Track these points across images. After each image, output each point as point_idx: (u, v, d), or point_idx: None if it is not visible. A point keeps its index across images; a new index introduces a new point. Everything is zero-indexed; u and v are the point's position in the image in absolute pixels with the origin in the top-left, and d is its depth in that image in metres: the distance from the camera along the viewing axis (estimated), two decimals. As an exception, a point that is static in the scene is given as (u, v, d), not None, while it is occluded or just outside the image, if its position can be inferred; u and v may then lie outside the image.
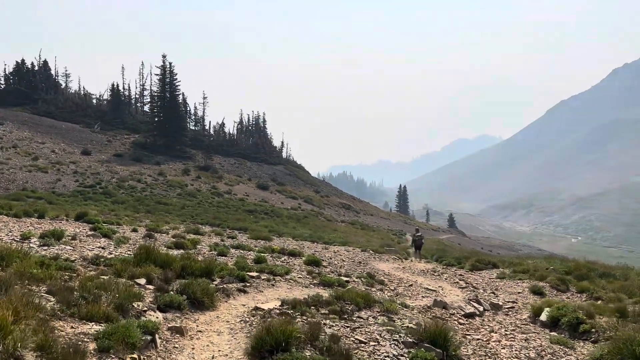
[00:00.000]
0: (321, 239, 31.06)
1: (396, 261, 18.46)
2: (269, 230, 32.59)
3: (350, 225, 50.22)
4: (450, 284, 13.00)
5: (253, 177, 65.07)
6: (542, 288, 13.02)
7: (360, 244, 28.50)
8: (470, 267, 19.89)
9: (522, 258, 25.24)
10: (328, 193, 72.18)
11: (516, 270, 18.39)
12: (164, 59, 68.73)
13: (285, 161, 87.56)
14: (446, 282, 13.34)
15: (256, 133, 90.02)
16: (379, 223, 60.66)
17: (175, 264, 8.67)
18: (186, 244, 12.88)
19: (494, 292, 12.29)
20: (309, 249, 19.66)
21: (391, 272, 14.55)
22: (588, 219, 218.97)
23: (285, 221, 42.31)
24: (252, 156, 76.35)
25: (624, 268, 21.41)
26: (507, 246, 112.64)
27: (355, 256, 17.57)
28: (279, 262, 12.44)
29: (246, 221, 37.32)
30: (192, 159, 64.75)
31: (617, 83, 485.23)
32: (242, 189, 56.45)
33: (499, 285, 13.71)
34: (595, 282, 15.63)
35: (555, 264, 22.57)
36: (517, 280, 14.83)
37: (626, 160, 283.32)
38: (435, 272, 15.84)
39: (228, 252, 12.48)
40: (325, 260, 14.70)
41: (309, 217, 47.87)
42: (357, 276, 11.60)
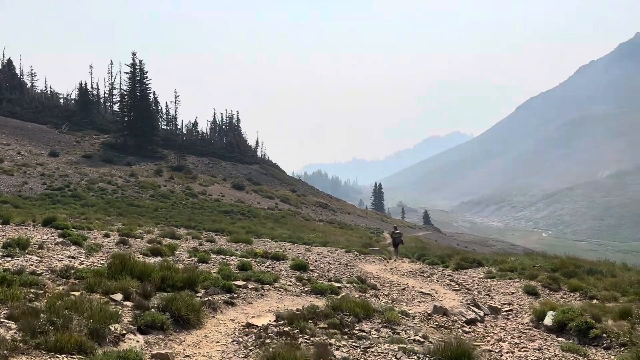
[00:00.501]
0: (301, 239, 30.41)
1: (382, 262, 17.93)
2: (247, 232, 31.78)
3: (329, 224, 49.67)
4: (442, 287, 12.51)
5: (228, 177, 63.90)
6: (535, 288, 12.65)
7: (341, 244, 27.96)
8: (455, 266, 19.51)
9: (505, 255, 25.04)
10: (305, 192, 71.48)
11: (502, 268, 18.08)
12: (134, 56, 66.87)
13: (261, 160, 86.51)
14: (438, 285, 12.84)
15: (230, 132, 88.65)
16: (357, 221, 60.30)
17: (154, 275, 7.88)
18: (163, 250, 12.03)
19: (489, 294, 11.85)
20: (291, 250, 18.97)
21: (380, 274, 13.99)
22: (558, 214, 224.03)
23: (262, 222, 41.48)
24: (227, 156, 75.06)
25: (608, 264, 21.41)
26: (481, 242, 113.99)
27: (341, 258, 16.97)
28: (264, 267, 11.73)
29: (223, 222, 36.39)
30: (164, 159, 63.19)
31: (583, 80, 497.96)
32: (217, 189, 55.30)
33: (490, 286, 13.29)
34: (585, 279, 15.39)
35: (538, 260, 22.42)
36: (508, 280, 14.46)
37: (593, 156, 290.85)
38: (423, 273, 15.36)
39: (209, 258, 11.69)
40: (311, 263, 14.05)
41: (287, 217, 47.12)
42: (348, 281, 10.99)
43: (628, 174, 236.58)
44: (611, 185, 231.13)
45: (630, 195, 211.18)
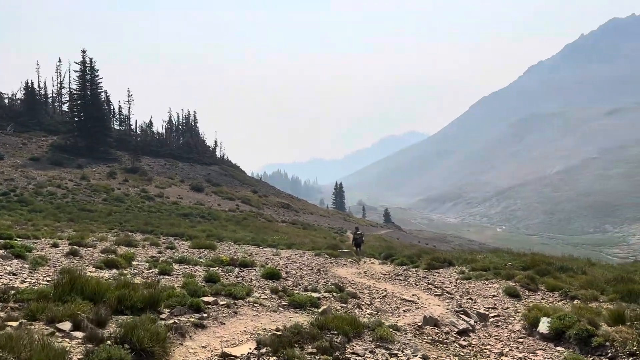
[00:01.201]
0: (265, 241, 29.44)
1: (353, 265, 17.19)
2: (208, 235, 30.53)
3: (292, 225, 48.72)
4: (422, 291, 11.85)
5: (186, 179, 61.90)
6: (515, 289, 12.19)
7: (306, 246, 27.15)
8: (426, 267, 19.02)
9: (472, 253, 24.82)
10: (266, 193, 70.21)
11: (475, 268, 17.70)
12: (84, 54, 63.78)
13: (220, 161, 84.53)
14: (417, 289, 12.19)
15: (187, 132, 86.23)
16: (320, 221, 59.60)
17: (110, 294, 6.79)
18: (119, 261, 10.82)
19: (470, 298, 11.27)
20: (258, 255, 17.98)
21: (355, 279, 13.23)
22: (511, 209, 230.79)
23: (224, 224, 40.14)
24: (184, 156, 72.83)
25: (576, 260, 21.50)
26: (440, 238, 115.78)
27: (311, 262, 16.11)
28: (233, 277, 10.73)
29: (182, 226, 34.87)
30: (118, 161, 60.56)
31: (532, 79, 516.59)
32: (174, 191, 53.36)
33: (469, 288, 12.76)
34: (559, 277, 15.15)
35: (506, 258, 22.29)
36: (484, 281, 14.00)
37: (543, 152, 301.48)
38: (398, 275, 14.72)
39: (171, 269, 10.58)
40: (282, 269, 13.14)
41: (249, 218, 45.87)
42: (326, 289, 10.14)
43: (575, 170, 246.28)
44: (560, 180, 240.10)
45: (578, 190, 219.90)
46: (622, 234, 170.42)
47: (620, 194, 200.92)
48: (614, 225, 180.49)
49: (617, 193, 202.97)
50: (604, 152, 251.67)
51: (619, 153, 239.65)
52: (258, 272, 12.06)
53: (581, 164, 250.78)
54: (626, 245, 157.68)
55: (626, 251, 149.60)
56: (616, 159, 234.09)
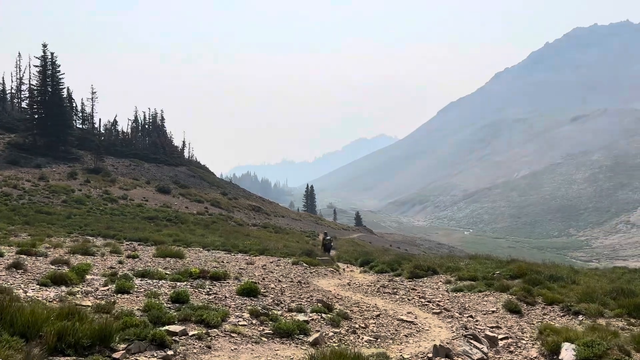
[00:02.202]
0: (236, 247, 27.89)
1: (335, 275, 15.92)
2: (174, 240, 28.83)
3: (263, 228, 47.14)
4: (417, 308, 10.65)
5: (152, 180, 59.51)
6: (516, 304, 11.13)
7: (280, 251, 25.80)
8: (409, 275, 17.96)
9: (454, 259, 23.84)
10: (236, 195, 68.26)
11: (461, 277, 16.72)
12: (45, 48, 60.68)
13: (188, 162, 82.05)
14: (410, 304, 10.98)
15: (154, 132, 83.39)
16: (292, 225, 58.13)
17: (48, 328, 5.30)
18: (69, 276, 9.21)
19: (470, 315, 10.13)
20: (230, 263, 16.51)
21: (340, 292, 11.96)
22: (478, 213, 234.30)
23: (192, 228, 38.29)
24: (151, 157, 70.23)
25: (561, 267, 20.80)
26: (409, 241, 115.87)
27: (290, 272, 14.74)
28: (204, 294, 9.27)
29: (146, 230, 32.96)
30: (79, 161, 57.74)
31: (499, 86, 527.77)
32: (139, 193, 51.06)
33: (465, 302, 11.64)
34: (552, 288, 14.25)
35: (488, 265, 21.42)
36: (478, 293, 12.92)
37: (509, 157, 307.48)
38: (384, 287, 13.52)
39: (131, 285, 9.04)
40: (259, 282, 11.75)
41: (218, 222, 44.09)
42: (312, 309, 8.80)
43: (541, 174, 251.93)
44: (526, 185, 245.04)
45: (543, 195, 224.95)
46: (585, 237, 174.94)
47: (583, 199, 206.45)
48: (578, 229, 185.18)
49: (581, 198, 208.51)
50: (568, 158, 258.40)
51: (583, 158, 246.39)
52: (233, 286, 10.62)
53: (546, 169, 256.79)
54: (589, 248, 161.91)
55: (589, 254, 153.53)
56: (580, 165, 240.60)
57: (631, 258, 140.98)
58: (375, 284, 14.25)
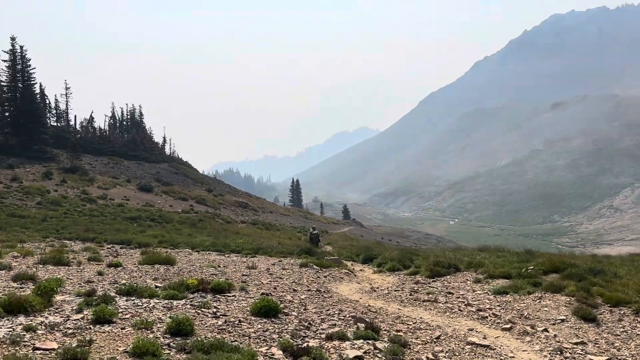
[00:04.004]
0: (227, 247, 25.69)
1: (351, 278, 13.87)
2: (160, 241, 26.55)
3: (252, 225, 44.88)
4: (478, 322, 8.61)
5: (133, 178, 56.71)
6: (589, 311, 9.18)
7: (275, 250, 23.77)
8: (428, 273, 16.01)
9: (467, 253, 21.98)
10: (222, 192, 65.70)
11: (492, 274, 14.79)
12: (13, 42, 57.23)
13: (170, 158, 79.09)
14: (465, 317, 8.94)
15: (133, 128, 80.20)
16: (281, 221, 55.95)
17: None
18: (30, 302, 6.96)
19: (546, 329, 8.15)
20: (227, 267, 14.35)
21: (369, 302, 9.92)
22: (462, 202, 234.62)
23: (177, 227, 35.89)
24: (130, 154, 67.21)
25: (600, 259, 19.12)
26: (398, 233, 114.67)
27: (301, 277, 12.63)
28: (210, 316, 7.13)
29: (129, 232, 30.51)
30: (55, 160, 54.65)
31: (479, 75, 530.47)
32: (120, 192, 48.34)
33: (521, 309, 9.69)
34: (598, 283, 12.41)
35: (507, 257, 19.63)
36: (527, 295, 10.98)
37: (492, 146, 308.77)
38: (416, 292, 11.52)
39: (114, 312, 6.81)
40: (272, 293, 9.63)
41: (205, 220, 41.67)
42: (356, 335, 6.71)
43: (523, 162, 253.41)
44: (509, 173, 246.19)
45: (526, 182, 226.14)
46: (569, 223, 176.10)
47: (566, 185, 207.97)
48: (562, 215, 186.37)
49: (563, 184, 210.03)
50: (549, 145, 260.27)
51: (564, 145, 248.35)
52: (242, 301, 8.49)
53: (528, 156, 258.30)
54: (574, 234, 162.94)
55: (575, 240, 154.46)
56: (561, 151, 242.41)
57: (616, 242, 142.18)
58: (401, 287, 12.24)
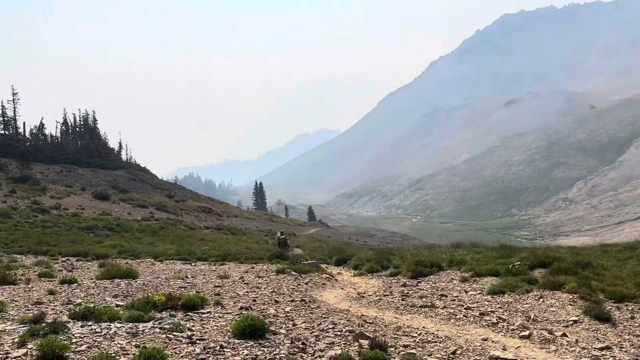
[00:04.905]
0: (193, 254, 24.33)
1: (334, 283, 12.84)
2: (119, 252, 24.96)
3: (217, 231, 43.28)
4: (490, 329, 7.69)
5: (88, 186, 54.01)
6: (602, 310, 8.46)
7: (244, 255, 22.61)
8: (411, 274, 15.23)
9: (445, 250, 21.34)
10: (183, 197, 63.52)
11: (478, 272, 14.10)
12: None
13: (127, 164, 76.09)
14: (473, 324, 8.01)
15: (87, 134, 76.79)
16: (246, 225, 54.42)
17: None
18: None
19: (565, 334, 7.35)
20: (196, 278, 13.10)
21: (362, 311, 8.93)
22: (423, 199, 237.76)
23: (138, 236, 34.05)
24: (84, 161, 64.17)
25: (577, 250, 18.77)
26: (364, 232, 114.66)
27: (280, 285, 11.50)
28: (186, 342, 5.94)
29: (85, 242, 28.63)
30: (3, 170, 51.45)
31: (434, 74, 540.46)
32: (74, 201, 45.80)
33: (526, 310, 8.93)
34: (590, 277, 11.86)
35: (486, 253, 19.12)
36: (526, 294, 10.25)
37: (450, 143, 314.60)
38: (407, 295, 10.62)
39: (66, 345, 5.50)
40: (251, 305, 8.52)
41: (167, 227, 39.85)
42: (363, 357, 5.68)
43: (480, 158, 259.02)
44: (467, 169, 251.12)
45: (484, 178, 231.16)
46: (527, 216, 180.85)
47: (522, 179, 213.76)
48: (520, 209, 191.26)
49: (520, 178, 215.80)
50: (505, 141, 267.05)
51: (519, 141, 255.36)
52: (220, 319, 7.33)
53: (485, 153, 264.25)
54: (532, 226, 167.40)
55: (533, 232, 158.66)
56: (517, 147, 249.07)
57: (572, 233, 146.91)
58: (389, 291, 11.33)
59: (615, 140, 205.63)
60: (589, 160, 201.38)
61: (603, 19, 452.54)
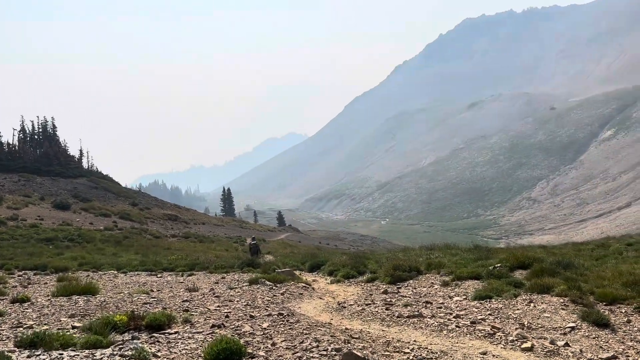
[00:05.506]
0: (159, 265, 23.27)
1: (311, 293, 12.13)
2: (80, 264, 23.69)
3: (185, 239, 41.93)
4: (488, 341, 7.11)
5: (47, 196, 51.71)
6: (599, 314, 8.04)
7: (214, 265, 21.72)
8: (390, 279, 14.69)
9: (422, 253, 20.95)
10: (148, 205, 61.58)
11: (459, 275, 13.70)
12: None
13: (88, 172, 73.46)
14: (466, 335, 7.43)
15: (46, 142, 73.81)
16: (215, 232, 53.07)
17: None
18: None
19: (567, 343, 6.85)
20: (162, 292, 12.22)
21: (345, 324, 8.27)
22: (392, 202, 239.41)
23: (100, 247, 32.57)
24: (43, 170, 61.57)
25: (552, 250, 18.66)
26: (334, 236, 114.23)
27: (254, 297, 10.74)
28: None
29: (44, 255, 27.13)
30: (-46, 180, 48.67)
31: (400, 78, 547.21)
32: (33, 211, 43.66)
33: (519, 317, 8.44)
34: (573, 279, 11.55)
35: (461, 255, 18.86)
36: (514, 299, 9.82)
37: (416, 146, 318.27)
38: (391, 304, 10.03)
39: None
40: (223, 322, 7.75)
41: (131, 236, 38.32)
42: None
43: (446, 160, 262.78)
44: (433, 171, 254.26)
45: (450, 179, 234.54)
46: (492, 216, 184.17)
47: (487, 180, 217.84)
48: (485, 209, 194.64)
49: (484, 179, 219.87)
50: (469, 143, 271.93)
51: (483, 142, 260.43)
52: (189, 340, 6.56)
53: (450, 154, 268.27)
54: (497, 226, 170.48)
55: (498, 232, 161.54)
56: (481, 148, 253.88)
57: (536, 232, 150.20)
58: (371, 299, 10.72)
59: (575, 140, 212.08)
60: (551, 160, 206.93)
61: (560, 22, 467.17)
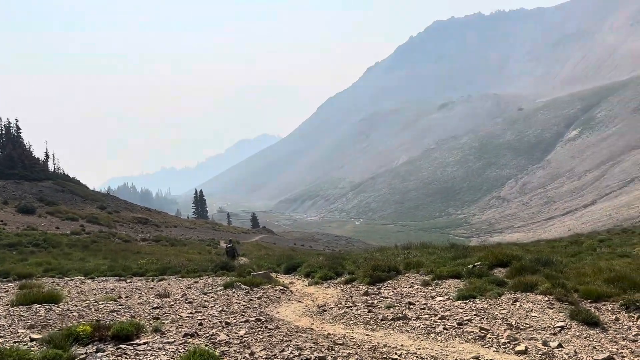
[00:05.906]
0: (128, 270, 22.41)
1: (289, 296, 11.66)
2: (46, 270, 22.61)
3: (155, 243, 40.83)
4: (479, 345, 6.77)
5: (10, 199, 49.74)
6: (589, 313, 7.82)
7: (186, 269, 21.05)
8: (369, 280, 14.35)
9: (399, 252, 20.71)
10: (117, 208, 59.94)
11: (439, 275, 13.47)
12: None
13: (54, 175, 71.11)
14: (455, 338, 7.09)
15: (9, 144, 71.18)
16: (187, 235, 51.95)
17: None
18: None
19: (560, 344, 6.57)
20: (131, 299, 11.56)
21: (327, 329, 7.84)
22: (365, 202, 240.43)
23: (67, 252, 31.33)
24: (6, 172, 59.33)
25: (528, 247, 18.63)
26: (309, 237, 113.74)
27: (230, 302, 10.19)
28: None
29: (7, 261, 25.82)
30: None
31: (371, 80, 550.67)
32: (-5, 216, 41.83)
33: (506, 317, 8.17)
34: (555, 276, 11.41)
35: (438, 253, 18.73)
36: (498, 298, 9.56)
37: (388, 147, 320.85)
38: (374, 306, 9.65)
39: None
40: (196, 330, 7.22)
41: (100, 241, 37.06)
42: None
43: (418, 160, 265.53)
44: (405, 171, 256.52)
45: (422, 179, 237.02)
46: (463, 215, 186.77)
47: (458, 180, 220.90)
48: (456, 208, 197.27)
49: (455, 179, 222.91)
50: (440, 143, 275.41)
51: (453, 143, 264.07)
52: (162, 352, 6.02)
53: (422, 155, 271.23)
54: (468, 225, 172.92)
55: (469, 231, 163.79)
56: (451, 148, 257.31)
57: (506, 230, 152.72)
58: (352, 302, 10.31)
59: (542, 140, 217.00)
60: (519, 159, 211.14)
61: (527, 24, 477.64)
